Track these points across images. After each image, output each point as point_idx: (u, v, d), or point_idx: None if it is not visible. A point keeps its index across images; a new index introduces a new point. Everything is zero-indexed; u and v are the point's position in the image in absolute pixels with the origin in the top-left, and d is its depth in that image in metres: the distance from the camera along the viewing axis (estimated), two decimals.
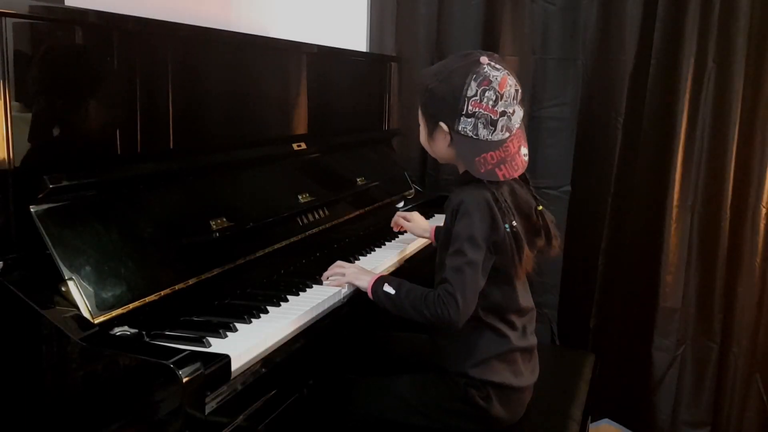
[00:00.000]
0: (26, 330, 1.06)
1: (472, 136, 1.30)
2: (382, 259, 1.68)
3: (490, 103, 1.28)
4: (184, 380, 0.94)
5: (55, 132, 1.18)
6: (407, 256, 1.79)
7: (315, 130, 1.93)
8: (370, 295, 1.40)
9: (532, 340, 1.43)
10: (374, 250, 1.76)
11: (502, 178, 1.31)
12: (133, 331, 1.11)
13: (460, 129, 1.30)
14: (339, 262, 1.50)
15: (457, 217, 1.31)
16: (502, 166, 1.31)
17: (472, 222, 1.28)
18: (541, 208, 1.38)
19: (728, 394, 2.20)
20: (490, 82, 1.28)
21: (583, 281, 2.33)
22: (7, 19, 1.06)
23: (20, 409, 1.10)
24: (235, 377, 1.09)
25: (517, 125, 1.33)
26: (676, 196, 2.15)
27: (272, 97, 1.78)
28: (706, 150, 2.14)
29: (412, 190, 2.30)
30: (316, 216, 1.71)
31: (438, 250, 1.42)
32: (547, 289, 2.40)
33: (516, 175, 1.33)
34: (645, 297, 2.25)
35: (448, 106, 1.31)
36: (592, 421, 2.13)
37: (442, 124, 1.33)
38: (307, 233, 1.65)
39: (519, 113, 1.33)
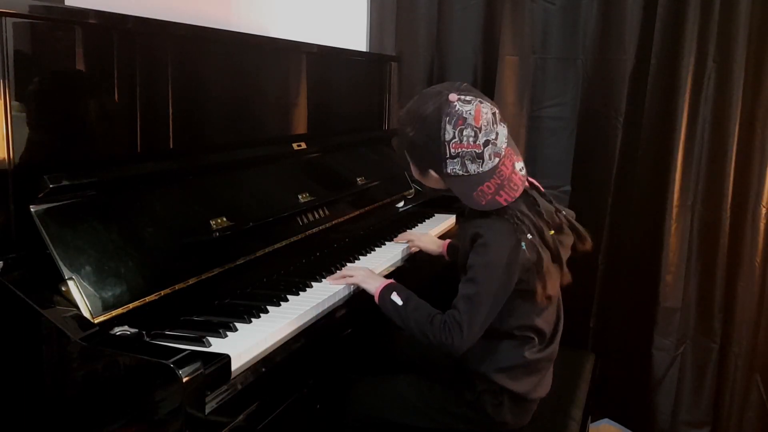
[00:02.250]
0: (26, 330, 1.06)
1: (462, 174, 1.27)
2: (382, 259, 1.68)
3: (470, 140, 1.25)
4: (184, 380, 0.94)
5: (55, 132, 1.18)
6: (407, 256, 1.79)
7: (315, 129, 1.93)
8: (376, 299, 1.39)
9: (556, 348, 1.42)
10: (374, 250, 1.76)
11: (504, 203, 1.28)
12: (133, 330, 1.11)
13: (449, 171, 1.28)
14: (350, 265, 1.53)
15: (474, 247, 1.29)
16: (501, 192, 1.27)
17: (490, 253, 1.26)
18: (564, 212, 1.37)
19: (728, 394, 2.20)
20: (465, 119, 1.25)
21: (583, 281, 2.33)
22: (7, 19, 1.06)
23: (21, 409, 1.10)
24: (235, 377, 1.09)
25: (505, 145, 1.29)
26: (676, 196, 2.15)
27: (272, 97, 1.78)
28: (706, 150, 2.14)
29: (412, 190, 2.30)
30: (316, 216, 1.71)
31: (458, 270, 1.39)
32: None
33: (518, 195, 1.29)
34: (645, 297, 2.25)
35: (430, 154, 1.28)
36: (592, 421, 2.13)
37: (431, 170, 1.32)
38: (307, 233, 1.65)
39: (503, 133, 1.28)
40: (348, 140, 2.11)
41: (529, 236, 1.27)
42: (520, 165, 1.32)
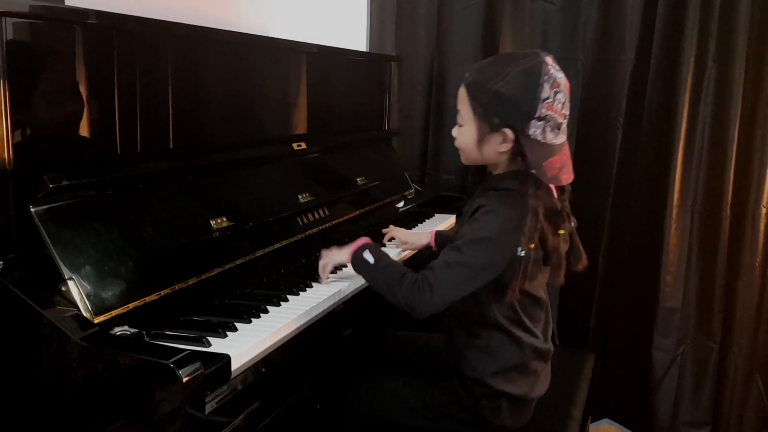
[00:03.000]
0: (26, 330, 1.06)
1: (540, 141, 1.23)
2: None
3: (560, 105, 1.22)
4: (184, 380, 0.94)
5: (55, 132, 1.18)
6: (407, 256, 1.79)
7: (315, 130, 1.93)
8: (350, 262, 1.36)
9: (550, 347, 1.41)
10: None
11: (564, 182, 1.25)
12: (133, 330, 1.11)
13: (530, 133, 1.22)
14: (321, 252, 1.48)
15: (473, 218, 1.26)
16: (564, 170, 1.25)
17: (489, 227, 1.23)
18: (574, 223, 1.35)
19: (728, 394, 2.21)
20: (559, 84, 1.23)
21: (583, 281, 2.33)
22: (7, 19, 1.06)
23: (21, 409, 1.10)
24: (235, 377, 1.09)
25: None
26: (676, 196, 2.15)
27: (272, 97, 1.78)
28: (706, 150, 2.14)
29: (412, 190, 2.30)
30: (316, 216, 1.71)
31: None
32: (547, 288, 2.39)
33: (571, 179, 1.27)
34: (645, 297, 2.25)
35: (519, 110, 1.22)
36: (592, 421, 2.13)
37: (506, 130, 1.24)
38: (307, 233, 1.65)
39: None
40: (348, 140, 2.11)
41: (531, 245, 1.23)
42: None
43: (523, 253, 1.22)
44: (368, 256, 1.32)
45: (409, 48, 2.50)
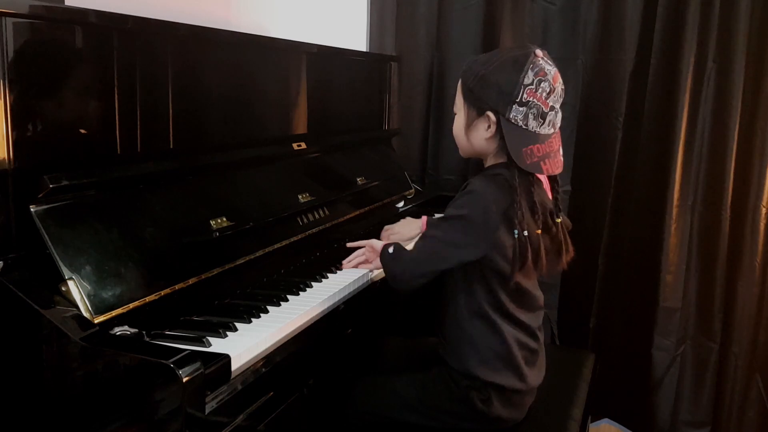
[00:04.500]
0: (26, 330, 1.06)
1: (522, 126, 1.27)
2: None
3: (544, 94, 1.27)
4: (184, 380, 0.94)
5: (55, 132, 1.18)
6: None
7: (315, 129, 1.93)
8: (381, 261, 1.42)
9: (539, 340, 1.41)
10: None
11: (546, 172, 1.29)
12: (133, 330, 1.11)
13: (511, 117, 1.27)
14: (358, 251, 1.56)
15: (460, 195, 1.30)
16: (546, 161, 1.29)
17: (469, 205, 1.27)
18: (560, 220, 1.36)
19: (728, 394, 2.21)
20: (546, 74, 1.27)
21: (583, 281, 2.33)
22: (7, 19, 1.06)
23: (21, 409, 1.10)
24: (235, 377, 1.09)
25: (559, 125, 1.33)
26: (676, 196, 2.15)
27: (272, 97, 1.78)
28: (706, 150, 2.14)
29: (412, 190, 2.30)
30: (317, 216, 1.71)
31: None
32: (547, 288, 2.39)
33: (557, 172, 1.32)
34: (645, 297, 2.25)
35: (501, 93, 1.27)
36: (592, 421, 2.13)
37: (489, 113, 1.30)
38: (307, 233, 1.65)
39: (560, 114, 1.32)
40: (348, 140, 2.11)
41: (525, 232, 1.26)
42: (562, 151, 1.34)
43: (517, 236, 1.26)
44: (390, 249, 1.40)
45: (409, 48, 2.50)
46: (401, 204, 2.23)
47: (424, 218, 1.77)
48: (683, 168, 2.15)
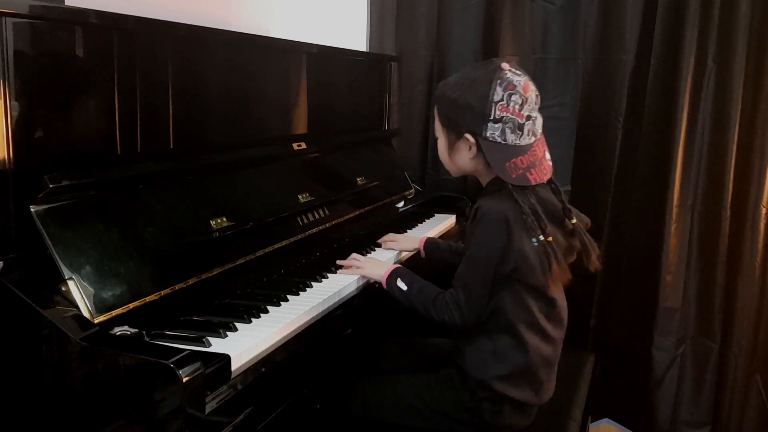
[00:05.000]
0: (26, 330, 1.06)
1: (500, 142, 1.28)
2: (382, 259, 1.68)
3: (517, 107, 1.26)
4: (185, 380, 0.94)
5: (55, 132, 1.18)
6: (407, 256, 1.79)
7: (315, 130, 1.93)
8: (384, 286, 1.43)
9: (558, 352, 1.41)
10: (374, 250, 1.76)
11: (533, 182, 1.29)
12: (133, 330, 1.11)
13: (488, 135, 1.28)
14: (355, 255, 1.56)
15: (474, 223, 1.30)
16: (532, 170, 1.28)
17: (485, 232, 1.28)
18: (575, 221, 1.35)
19: (728, 394, 2.21)
20: (515, 86, 1.27)
21: (583, 281, 2.32)
22: (7, 19, 1.06)
23: (21, 409, 1.10)
24: (235, 377, 1.09)
25: (540, 130, 1.32)
26: (676, 196, 2.15)
27: (272, 97, 1.78)
28: (706, 150, 2.14)
29: (412, 190, 2.30)
30: (316, 216, 1.71)
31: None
32: None
33: (545, 179, 1.31)
34: (645, 297, 2.25)
35: (473, 114, 1.28)
36: (592, 421, 2.13)
37: (467, 135, 1.31)
38: (307, 233, 1.65)
39: (540, 119, 1.31)
40: (348, 140, 2.11)
41: (541, 237, 1.26)
42: (548, 155, 1.34)
43: (536, 243, 1.26)
44: (401, 284, 1.40)
45: (409, 48, 2.50)
46: (401, 204, 2.23)
47: (424, 238, 1.77)
48: (683, 168, 2.15)
